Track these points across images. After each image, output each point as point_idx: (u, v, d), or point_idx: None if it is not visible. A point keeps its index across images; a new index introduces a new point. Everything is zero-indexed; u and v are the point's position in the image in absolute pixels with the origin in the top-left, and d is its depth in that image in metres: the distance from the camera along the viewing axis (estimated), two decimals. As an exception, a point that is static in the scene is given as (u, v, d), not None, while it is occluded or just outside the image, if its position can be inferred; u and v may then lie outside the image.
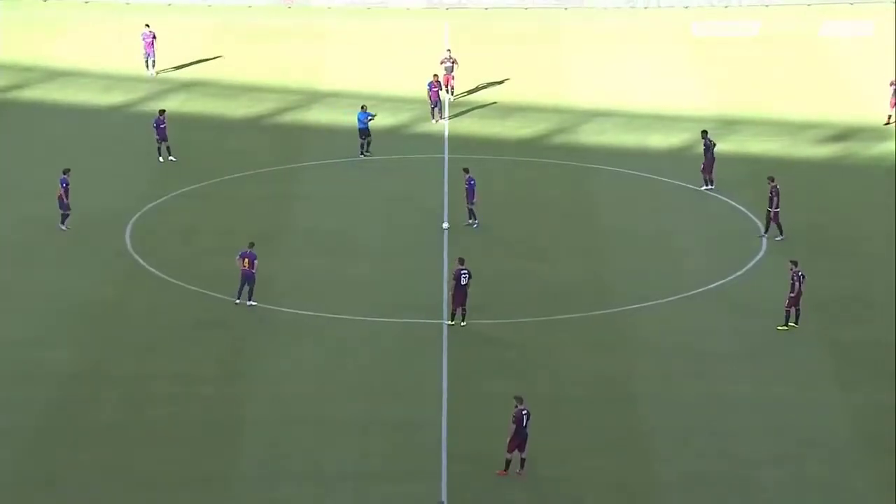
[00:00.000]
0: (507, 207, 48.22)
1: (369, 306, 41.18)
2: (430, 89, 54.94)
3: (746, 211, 47.42)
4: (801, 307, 39.85)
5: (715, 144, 48.92)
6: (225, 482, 33.40)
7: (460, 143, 53.36)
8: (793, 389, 37.35)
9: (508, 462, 33.59)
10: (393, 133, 54.64)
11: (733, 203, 48.39)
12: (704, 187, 48.87)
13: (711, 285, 42.72)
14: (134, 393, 36.86)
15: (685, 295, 42.13)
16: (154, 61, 59.39)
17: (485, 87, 58.55)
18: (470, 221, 45.76)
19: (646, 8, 69.13)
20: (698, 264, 44.25)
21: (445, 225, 41.62)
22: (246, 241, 41.96)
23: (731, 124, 55.58)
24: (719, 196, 48.39)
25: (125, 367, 38.06)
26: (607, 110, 56.74)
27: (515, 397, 33.75)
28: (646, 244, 45.75)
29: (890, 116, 54.81)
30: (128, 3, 66.67)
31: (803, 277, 39.62)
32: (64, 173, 44.55)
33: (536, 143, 53.66)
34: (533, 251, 45.16)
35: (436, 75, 55.27)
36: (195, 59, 61.39)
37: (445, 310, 41.01)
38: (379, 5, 68.88)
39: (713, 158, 48.74)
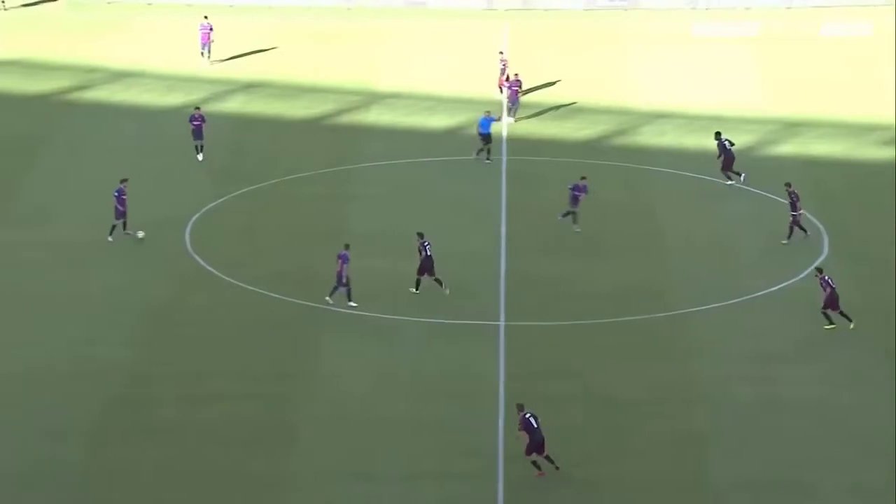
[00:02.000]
0: (566, 208, 48.17)
1: (426, 307, 41.22)
2: (510, 88, 54.80)
3: (807, 214, 47.04)
4: (842, 309, 39.60)
5: (733, 144, 49.27)
6: (279, 481, 33.55)
7: (519, 144, 53.27)
8: (853, 394, 37.05)
9: (535, 463, 33.52)
10: (451, 134, 54.59)
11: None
12: (730, 182, 49.05)
13: (772, 288, 42.44)
14: (191, 392, 37.14)
15: (745, 298, 41.86)
16: (210, 52, 60.17)
17: (542, 87, 58.44)
18: (575, 227, 45.67)
19: (707, 9, 68.74)
20: (758, 267, 43.97)
21: (504, 229, 41.49)
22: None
23: (793, 126, 55.18)
24: (779, 199, 48.04)
25: (183, 366, 38.35)
26: (668, 112, 56.47)
27: (517, 405, 33.74)
28: (705, 247, 45.50)
29: None
30: (189, 5, 67.13)
31: (832, 281, 39.71)
32: (121, 183, 44.55)
33: (596, 145, 53.49)
34: (591, 253, 45.03)
35: (517, 74, 55.11)
36: (256, 60, 61.63)
37: (503, 311, 40.98)
38: (438, 6, 68.91)
39: (732, 157, 49.04)
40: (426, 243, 41.75)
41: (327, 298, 40.78)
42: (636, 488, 33.51)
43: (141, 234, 44.60)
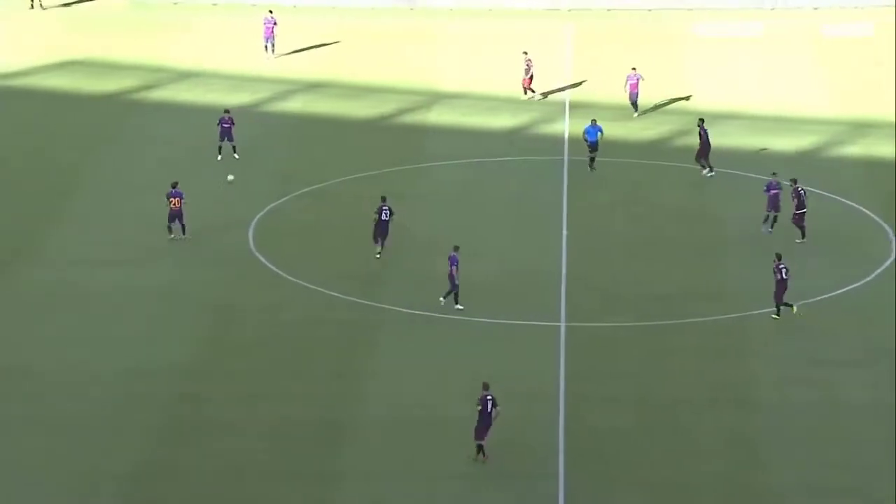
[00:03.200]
0: (626, 209, 47.95)
1: (486, 307, 41.25)
2: (628, 81, 55.00)
3: (873, 215, 46.60)
4: (785, 300, 39.94)
5: (707, 132, 49.51)
6: (335, 479, 33.73)
7: (581, 144, 53.17)
8: (914, 398, 36.78)
9: (481, 448, 33.81)
10: (513, 134, 54.51)
11: (859, 207, 47.65)
12: (707, 172, 49.27)
13: (836, 292, 42.09)
14: (251, 390, 37.38)
15: (806, 302, 41.56)
16: (274, 46, 60.82)
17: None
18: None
19: (773, 9, 68.25)
20: (819, 270, 43.64)
21: (565, 233, 41.48)
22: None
23: (859, 127, 54.69)
24: (845, 200, 47.66)
25: (244, 364, 38.59)
26: (731, 112, 56.10)
27: (483, 384, 33.99)
28: (765, 248, 45.22)
29: None
30: (254, 5, 67.43)
31: (786, 271, 39.80)
32: (173, 187, 44.84)
33: (659, 146, 53.25)
34: (651, 254, 44.87)
35: (633, 68, 55.23)
36: (319, 60, 61.76)
37: (563, 312, 40.97)
38: (500, 7, 68.78)
39: (709, 145, 49.08)
40: (385, 208, 43.02)
41: (441, 300, 40.69)
42: (695, 491, 33.41)
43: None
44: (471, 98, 57.51)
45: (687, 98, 57.67)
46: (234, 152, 50.82)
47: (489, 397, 33.97)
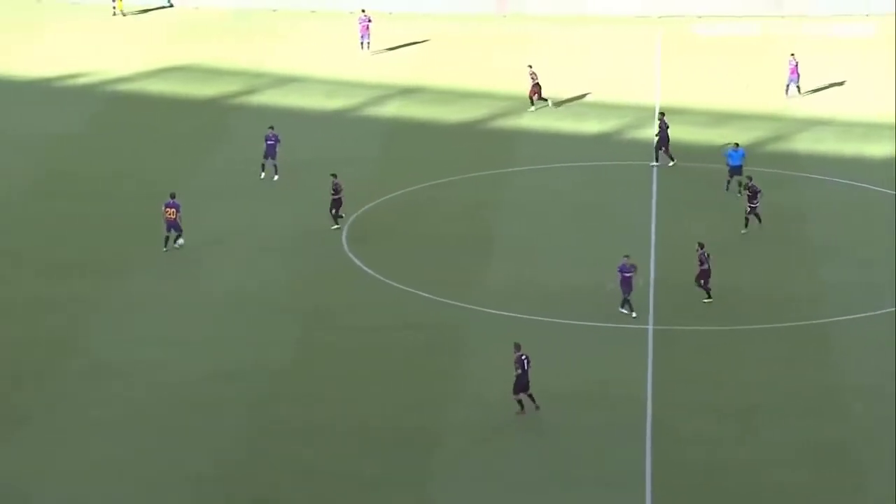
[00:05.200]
0: (716, 215, 46.38)
1: (572, 310, 40.02)
2: (788, 66, 54.64)
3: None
4: (709, 286, 39.87)
5: (668, 126, 49.10)
6: (424, 483, 32.63)
7: (671, 149, 51.53)
8: None
9: (520, 402, 34.60)
10: (602, 139, 53.34)
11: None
12: (671, 163, 49.14)
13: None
14: (340, 392, 36.32)
15: (892, 310, 39.69)
16: (369, 43, 61.47)
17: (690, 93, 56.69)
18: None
19: (867, 15, 65.92)
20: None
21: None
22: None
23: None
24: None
25: (336, 363, 37.64)
26: (826, 118, 54.51)
27: (514, 344, 34.68)
28: (855, 256, 43.42)
29: None
30: (351, 12, 66.84)
31: (708, 257, 39.83)
32: (172, 197, 43.32)
33: (750, 152, 51.46)
34: (741, 260, 43.27)
35: (792, 54, 54.29)
36: (412, 66, 61.03)
37: (651, 316, 39.62)
38: (591, 13, 67.61)
39: (667, 139, 49.03)
40: (337, 183, 44.71)
41: (621, 310, 39.47)
42: (787, 499, 31.95)
43: (180, 243, 43.32)
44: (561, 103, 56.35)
45: (779, 103, 56.01)
46: (276, 173, 48.90)
47: (524, 357, 34.48)
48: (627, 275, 39.42)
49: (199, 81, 59.37)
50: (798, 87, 56.15)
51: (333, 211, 44.96)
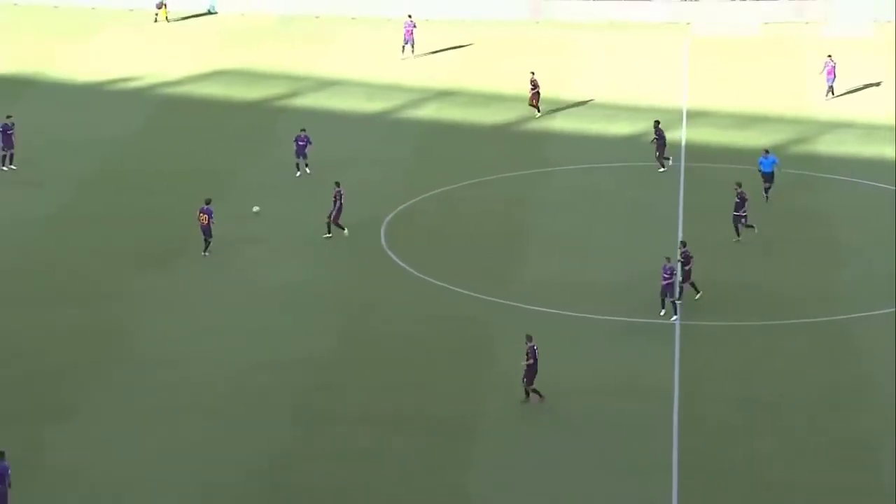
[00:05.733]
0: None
1: (605, 305, 40.14)
2: (825, 67, 54.69)
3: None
4: (692, 281, 39.54)
5: (664, 132, 49.09)
6: (462, 468, 32.79)
7: (698, 151, 51.69)
8: None
9: (535, 391, 34.79)
10: (631, 141, 53.29)
11: None
12: (661, 169, 48.80)
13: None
14: (382, 381, 36.65)
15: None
16: (413, 47, 61.67)
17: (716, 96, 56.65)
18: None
19: (889, 21, 65.63)
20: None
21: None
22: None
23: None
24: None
25: (375, 355, 37.94)
26: (848, 121, 54.27)
27: (526, 335, 34.80)
28: (878, 253, 43.31)
29: None
30: (389, 19, 67.15)
31: (691, 258, 39.32)
32: (207, 203, 43.42)
33: (774, 153, 51.46)
34: (766, 257, 43.31)
35: (829, 55, 54.34)
36: (449, 70, 61.11)
37: (678, 310, 39.67)
38: (621, 19, 67.61)
39: (664, 144, 48.89)
40: (341, 192, 43.97)
41: (676, 300, 39.38)
42: (811, 492, 31.93)
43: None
44: (592, 106, 56.41)
45: (803, 107, 55.85)
46: (307, 168, 49.27)
47: (535, 347, 34.61)
48: (668, 277, 39.16)
49: (245, 85, 59.67)
50: (832, 88, 55.93)
51: (334, 219, 43.99)
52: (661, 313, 39.40)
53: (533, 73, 55.33)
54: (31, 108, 56.30)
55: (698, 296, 39.89)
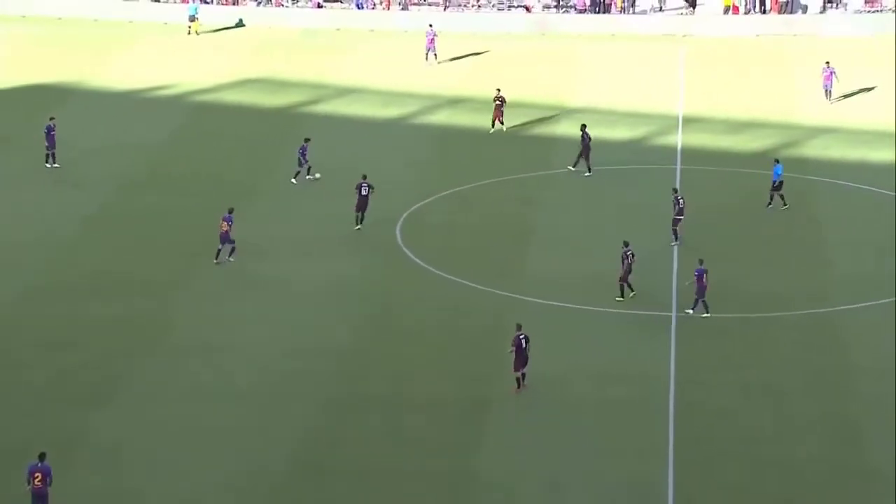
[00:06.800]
0: (735, 215, 46.53)
1: (608, 298, 40.24)
2: (823, 74, 55.04)
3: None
4: (629, 281, 39.34)
5: (591, 138, 48.80)
6: (478, 450, 33.06)
7: (692, 155, 51.82)
8: None
9: (518, 380, 34.35)
10: (631, 145, 53.44)
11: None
12: (588, 174, 48.73)
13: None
14: (402, 369, 36.82)
15: (897, 297, 39.85)
16: (435, 54, 62.18)
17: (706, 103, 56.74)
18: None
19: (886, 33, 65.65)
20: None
21: None
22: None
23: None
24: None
25: (392, 348, 38.07)
26: (833, 127, 54.27)
27: (516, 325, 34.37)
28: (864, 251, 43.47)
29: None
30: (405, 31, 67.34)
31: (633, 256, 39.18)
32: (229, 212, 43.21)
33: (764, 157, 51.68)
34: (758, 256, 43.43)
35: (827, 62, 54.76)
36: (460, 79, 61.21)
37: (675, 304, 39.88)
38: (622, 32, 67.78)
39: (589, 148, 48.57)
40: (363, 185, 44.14)
41: (689, 311, 39.27)
42: (799, 467, 32.15)
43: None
44: (594, 113, 56.46)
45: (791, 113, 55.92)
46: (308, 173, 49.29)
47: (522, 336, 34.09)
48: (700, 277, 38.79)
49: (270, 92, 59.87)
50: (829, 92, 55.81)
51: (359, 213, 44.31)
52: (690, 311, 38.83)
53: (499, 90, 54.58)
54: (74, 113, 56.57)
55: (632, 294, 39.69)
